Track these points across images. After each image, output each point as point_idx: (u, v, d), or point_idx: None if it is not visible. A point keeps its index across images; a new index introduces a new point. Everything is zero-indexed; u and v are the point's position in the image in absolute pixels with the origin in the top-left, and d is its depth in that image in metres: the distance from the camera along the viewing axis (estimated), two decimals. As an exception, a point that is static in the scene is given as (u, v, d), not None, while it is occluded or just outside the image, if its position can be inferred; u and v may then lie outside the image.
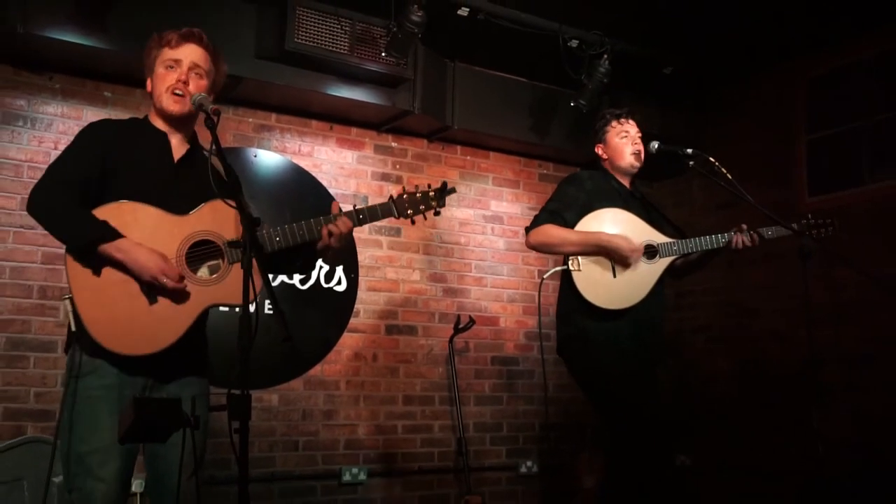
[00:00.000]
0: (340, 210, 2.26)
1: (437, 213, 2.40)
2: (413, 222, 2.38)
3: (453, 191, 2.46)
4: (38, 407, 3.49)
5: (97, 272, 2.01)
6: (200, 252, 2.12)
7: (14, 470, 3.28)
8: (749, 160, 4.64)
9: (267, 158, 4.23)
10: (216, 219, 2.10)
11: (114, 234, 1.99)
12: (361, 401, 4.33)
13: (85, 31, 3.42)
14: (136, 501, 3.43)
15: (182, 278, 2.05)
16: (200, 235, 2.11)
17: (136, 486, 3.18)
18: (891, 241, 4.09)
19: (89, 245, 1.98)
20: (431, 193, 2.37)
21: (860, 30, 4.30)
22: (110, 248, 1.97)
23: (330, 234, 2.20)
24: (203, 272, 2.12)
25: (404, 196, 2.35)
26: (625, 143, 3.15)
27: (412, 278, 4.63)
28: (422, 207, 2.36)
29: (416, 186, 2.41)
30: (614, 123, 3.20)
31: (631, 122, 3.21)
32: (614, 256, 2.97)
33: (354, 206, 2.37)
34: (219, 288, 2.10)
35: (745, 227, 3.09)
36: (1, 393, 3.43)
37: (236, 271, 2.02)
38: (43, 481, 3.14)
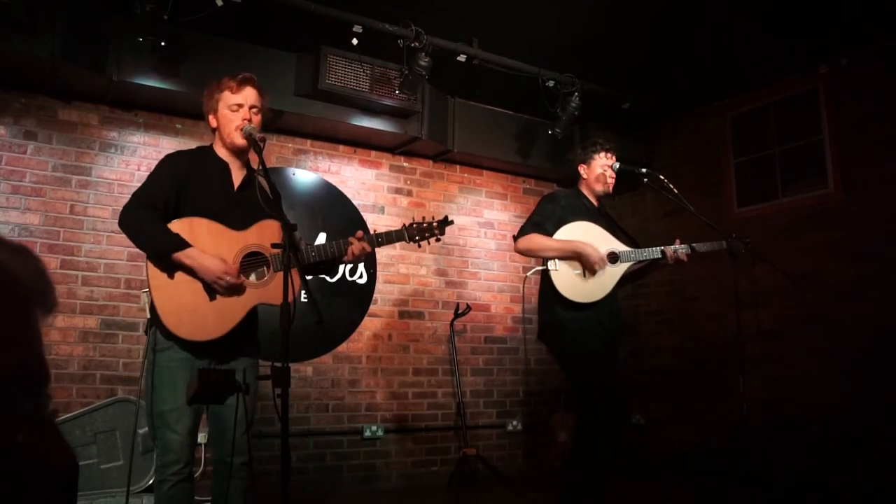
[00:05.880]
0: (365, 233, 2.48)
1: (437, 240, 2.63)
2: (420, 246, 2.61)
3: (452, 222, 2.70)
4: (126, 374, 3.88)
5: (170, 274, 2.22)
6: (251, 261, 2.31)
7: (109, 422, 3.74)
8: (689, 178, 5.05)
9: (303, 176, 4.61)
10: (264, 235, 2.31)
11: (184, 245, 2.18)
12: (379, 372, 4.72)
13: (163, 78, 3.84)
14: (201, 450, 3.83)
15: (240, 275, 2.25)
16: (252, 248, 2.31)
17: (201, 437, 3.39)
18: (797, 242, 4.55)
19: (165, 254, 2.19)
20: (435, 224, 2.60)
21: (769, 79, 4.80)
22: (181, 255, 2.17)
23: (353, 253, 2.44)
24: (252, 278, 2.33)
25: (414, 226, 2.57)
26: (604, 173, 3.31)
27: (420, 273, 5.02)
28: (427, 235, 2.58)
29: (423, 218, 2.63)
30: (601, 154, 3.31)
31: (613, 157, 3.33)
32: (585, 262, 3.15)
33: (375, 230, 2.53)
34: (265, 290, 2.30)
35: (678, 241, 3.27)
36: (97, 362, 3.84)
37: (279, 277, 2.15)
38: (130, 431, 3.67)
